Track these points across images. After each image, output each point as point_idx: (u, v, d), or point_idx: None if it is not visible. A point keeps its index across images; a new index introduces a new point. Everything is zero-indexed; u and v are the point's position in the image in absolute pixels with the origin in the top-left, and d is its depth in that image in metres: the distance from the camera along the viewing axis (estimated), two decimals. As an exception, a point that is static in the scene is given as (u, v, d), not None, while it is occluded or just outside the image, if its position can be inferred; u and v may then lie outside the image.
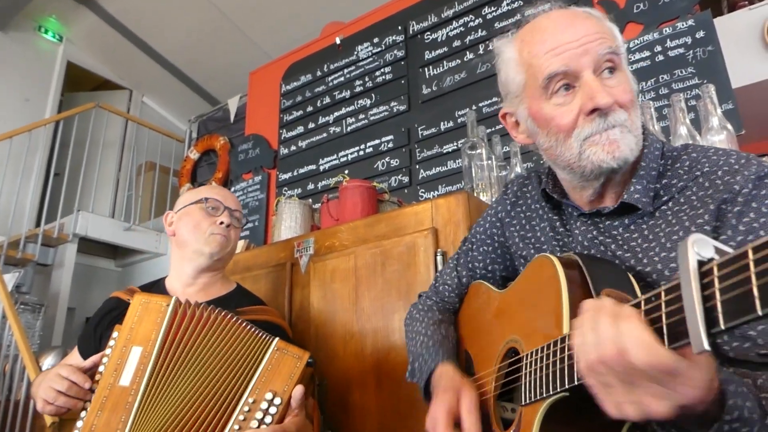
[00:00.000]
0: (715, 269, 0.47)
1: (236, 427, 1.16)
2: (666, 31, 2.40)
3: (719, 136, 1.56)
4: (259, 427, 1.16)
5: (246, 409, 1.17)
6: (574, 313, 0.73)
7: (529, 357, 0.79)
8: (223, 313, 1.28)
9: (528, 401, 0.77)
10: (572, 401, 0.71)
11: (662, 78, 2.36)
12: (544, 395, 0.72)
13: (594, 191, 0.91)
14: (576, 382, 0.66)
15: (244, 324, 1.28)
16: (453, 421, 0.90)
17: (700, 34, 2.32)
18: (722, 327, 0.46)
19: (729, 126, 1.58)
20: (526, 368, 0.79)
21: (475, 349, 1.04)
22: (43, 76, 5.77)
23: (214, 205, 1.56)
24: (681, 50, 2.35)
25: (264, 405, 1.18)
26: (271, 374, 1.21)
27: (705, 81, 2.23)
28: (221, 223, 1.54)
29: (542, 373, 0.73)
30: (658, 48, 2.40)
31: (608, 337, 0.55)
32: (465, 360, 1.06)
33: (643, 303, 0.57)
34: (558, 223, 0.98)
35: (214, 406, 1.18)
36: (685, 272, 0.49)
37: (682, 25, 2.37)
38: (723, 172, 0.80)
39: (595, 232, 0.91)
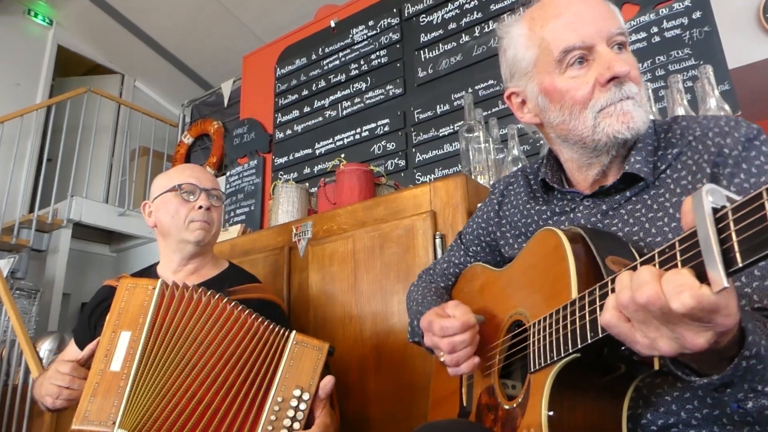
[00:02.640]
0: (730, 213, 0.50)
1: (270, 428, 1.16)
2: (662, 12, 2.39)
3: (716, 117, 1.56)
4: (291, 425, 1.17)
5: (276, 408, 1.17)
6: (581, 279, 0.75)
7: (536, 325, 0.80)
8: (217, 296, 1.27)
9: (537, 368, 0.78)
10: (582, 363, 0.72)
11: (659, 59, 2.35)
12: (555, 358, 0.74)
13: (600, 169, 0.92)
14: (590, 340, 0.67)
15: (250, 314, 1.27)
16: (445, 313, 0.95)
17: (697, 14, 2.32)
18: (740, 264, 0.49)
19: (726, 107, 1.59)
20: (533, 336, 0.80)
21: None
22: (33, 60, 5.69)
23: (188, 189, 1.49)
24: (677, 31, 2.34)
25: (294, 402, 1.18)
26: (294, 370, 1.21)
27: (701, 62, 2.23)
28: (200, 207, 1.48)
29: (552, 337, 0.75)
30: (655, 29, 2.39)
31: (648, 280, 0.56)
32: None
33: (657, 256, 0.59)
34: (558, 210, 0.99)
35: (234, 401, 1.17)
36: (701, 218, 0.51)
37: (679, 5, 2.36)
38: (713, 134, 0.83)
39: (599, 215, 0.91)
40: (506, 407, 0.86)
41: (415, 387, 1.50)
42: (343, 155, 3.25)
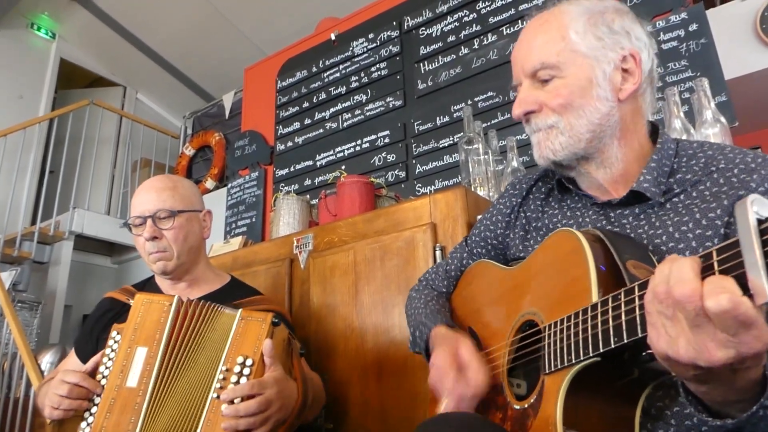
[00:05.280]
0: None
1: (215, 395, 1.15)
2: (659, 24, 2.42)
3: (713, 129, 1.58)
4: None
5: (221, 377, 1.16)
6: (601, 282, 0.75)
7: (553, 327, 0.80)
8: (210, 305, 1.28)
9: (552, 369, 0.78)
10: (598, 367, 0.72)
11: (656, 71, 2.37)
12: (573, 361, 0.74)
13: (588, 181, 0.96)
14: (613, 345, 0.67)
15: (215, 306, 1.27)
16: (456, 362, 0.95)
17: (693, 27, 2.34)
18: None
19: (722, 119, 1.60)
20: (549, 338, 0.80)
21: (480, 325, 1.05)
22: (36, 73, 5.74)
23: (136, 224, 1.46)
24: (674, 43, 2.36)
25: (237, 369, 1.17)
26: (240, 342, 1.20)
27: (698, 74, 2.25)
28: (147, 239, 1.44)
29: (571, 340, 0.75)
30: (652, 41, 2.41)
31: (690, 278, 0.55)
32: (470, 336, 1.07)
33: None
34: (569, 214, 1.01)
35: (199, 390, 1.18)
36: (745, 229, 0.50)
37: (675, 18, 2.38)
38: (739, 170, 0.82)
39: (604, 222, 0.93)
40: (516, 407, 0.86)
41: (417, 398, 1.50)
42: (343, 167, 3.27)
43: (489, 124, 2.72)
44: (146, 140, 5.71)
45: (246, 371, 1.16)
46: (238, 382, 1.15)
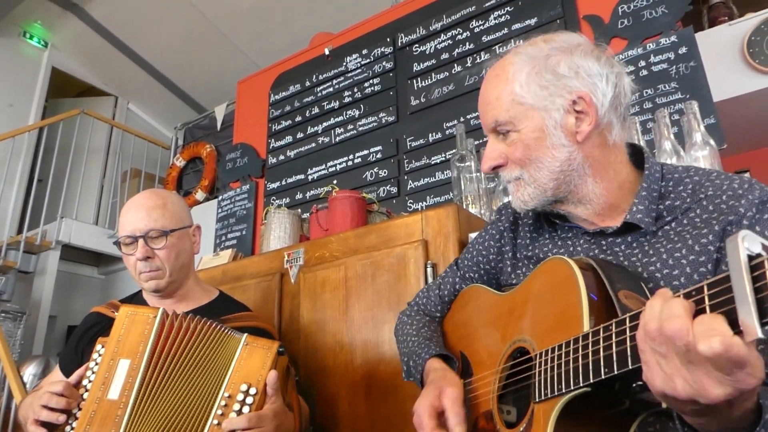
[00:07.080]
0: (766, 263, 0.49)
1: (215, 422, 1.14)
2: (650, 46, 2.45)
3: (702, 151, 1.60)
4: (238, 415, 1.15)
5: (223, 403, 1.16)
6: (592, 312, 0.75)
7: (544, 355, 0.80)
8: (209, 323, 1.27)
9: (542, 398, 0.78)
10: (588, 397, 0.72)
11: (646, 92, 2.40)
12: (563, 391, 0.74)
13: (572, 216, 0.97)
14: (603, 376, 0.67)
15: (220, 327, 1.27)
16: (436, 412, 0.94)
17: (683, 50, 2.38)
18: None
19: (712, 142, 1.62)
20: (540, 366, 0.80)
21: (471, 350, 1.05)
22: (27, 81, 5.71)
23: (126, 243, 1.44)
24: (664, 65, 2.40)
25: (240, 397, 1.16)
26: (243, 368, 1.20)
27: (688, 96, 2.28)
28: (139, 259, 1.42)
29: (562, 369, 0.75)
30: (642, 63, 2.45)
31: (680, 314, 0.55)
32: (461, 361, 1.06)
33: (682, 297, 0.58)
34: (560, 243, 1.00)
35: (194, 410, 1.17)
36: (736, 265, 0.50)
37: (665, 40, 2.42)
38: (727, 196, 0.84)
39: (597, 251, 0.93)
40: None
41: (406, 415, 1.48)
42: (335, 181, 3.27)
43: (481, 141, 2.73)
44: (137, 151, 5.68)
45: (249, 400, 1.16)
46: (240, 411, 1.15)
